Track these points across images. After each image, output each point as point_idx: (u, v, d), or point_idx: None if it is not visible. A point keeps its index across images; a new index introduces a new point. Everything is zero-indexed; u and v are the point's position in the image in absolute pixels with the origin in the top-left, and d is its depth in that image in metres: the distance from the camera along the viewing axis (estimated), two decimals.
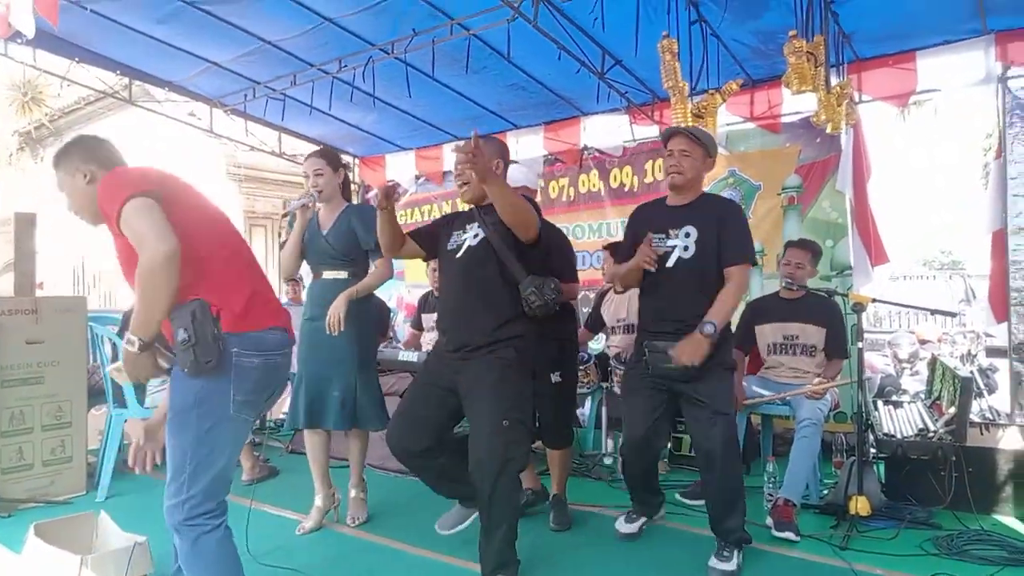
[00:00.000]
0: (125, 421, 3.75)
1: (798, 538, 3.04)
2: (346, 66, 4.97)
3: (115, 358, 3.87)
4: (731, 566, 2.65)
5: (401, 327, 6.26)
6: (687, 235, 2.76)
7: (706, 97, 4.20)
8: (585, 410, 4.78)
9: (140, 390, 3.78)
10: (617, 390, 4.11)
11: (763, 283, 4.81)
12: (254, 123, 6.30)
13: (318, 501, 3.24)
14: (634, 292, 3.03)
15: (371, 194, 7.50)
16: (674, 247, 2.76)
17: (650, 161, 5.55)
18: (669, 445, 4.29)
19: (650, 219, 2.91)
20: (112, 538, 2.56)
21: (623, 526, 3.07)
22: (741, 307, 4.15)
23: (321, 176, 3.17)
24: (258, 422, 5.38)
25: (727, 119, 4.91)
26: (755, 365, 3.97)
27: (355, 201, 4.80)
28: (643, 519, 3.09)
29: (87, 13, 4.41)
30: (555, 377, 3.17)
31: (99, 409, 4.26)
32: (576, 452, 4.24)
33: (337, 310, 3.00)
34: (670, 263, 2.74)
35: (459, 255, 2.62)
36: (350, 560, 2.87)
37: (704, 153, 2.81)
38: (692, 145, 2.78)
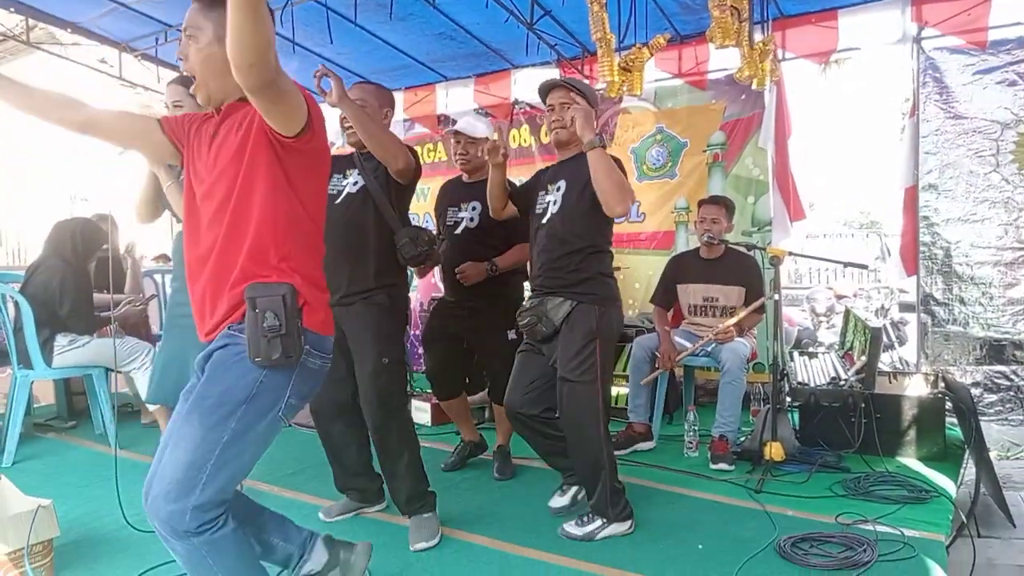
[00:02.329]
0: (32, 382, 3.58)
1: (732, 467, 3.30)
2: None
3: (18, 318, 3.66)
4: (586, 529, 2.57)
5: None
6: (558, 189, 2.66)
7: (634, 51, 4.17)
8: None
9: (47, 349, 3.60)
10: None
11: (688, 239, 4.90)
12: (166, 69, 5.95)
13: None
14: None
15: None
16: (548, 203, 2.67)
17: None
18: None
19: (538, 183, 2.82)
20: (14, 502, 2.43)
21: (554, 500, 2.83)
22: (664, 263, 4.23)
23: (181, 108, 2.63)
24: None
25: (655, 75, 4.91)
26: (677, 321, 4.06)
27: None
28: (573, 488, 2.83)
29: None
30: (511, 335, 3.16)
31: (4, 371, 4.04)
32: None
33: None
34: (544, 219, 2.66)
35: (338, 201, 2.57)
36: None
37: (586, 102, 2.61)
38: (572, 96, 2.62)
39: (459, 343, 3.29)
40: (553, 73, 5.32)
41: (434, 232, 2.73)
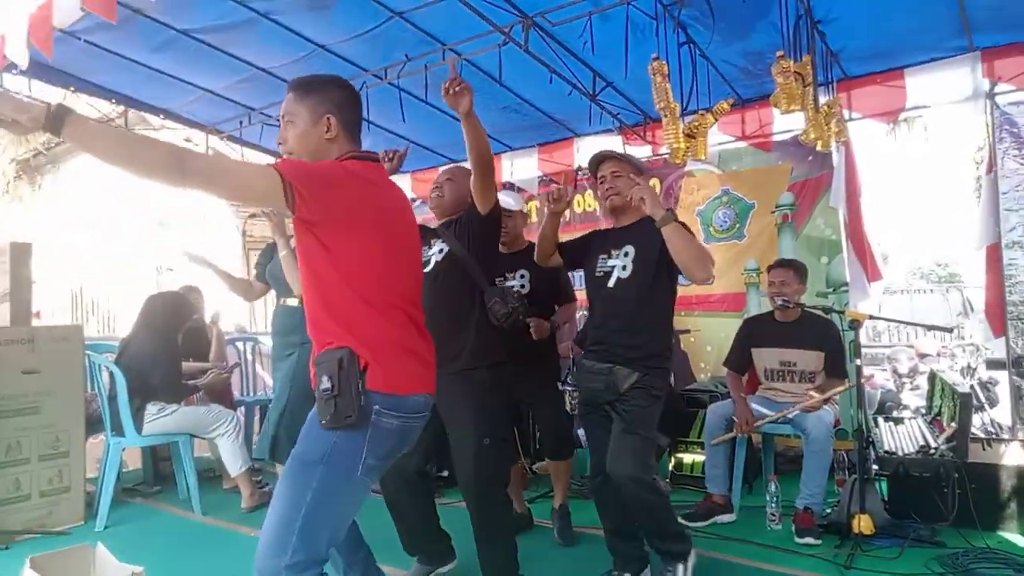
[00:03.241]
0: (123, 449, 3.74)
1: (819, 541, 3.15)
2: None
3: (112, 388, 3.85)
4: None
5: None
6: (626, 254, 2.68)
7: (697, 117, 4.22)
8: (581, 431, 4.77)
9: (138, 418, 3.77)
10: None
11: (760, 301, 4.82)
12: (250, 149, 6.33)
13: None
14: None
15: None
16: (613, 267, 2.70)
17: None
18: (671, 465, 4.27)
19: (592, 242, 2.88)
20: (110, 570, 2.53)
21: None
22: (737, 325, 4.17)
23: None
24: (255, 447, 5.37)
25: (719, 138, 4.94)
26: (753, 386, 3.96)
27: None
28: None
29: (81, 43, 4.45)
30: (560, 387, 3.25)
31: (96, 438, 4.23)
32: (576, 474, 4.23)
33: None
34: (610, 283, 2.68)
35: (427, 270, 2.63)
36: None
37: (636, 171, 2.76)
38: (621, 165, 2.76)
39: (515, 408, 3.32)
40: (615, 140, 5.42)
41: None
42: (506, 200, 3.31)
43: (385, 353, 1.72)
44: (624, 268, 2.66)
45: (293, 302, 3.04)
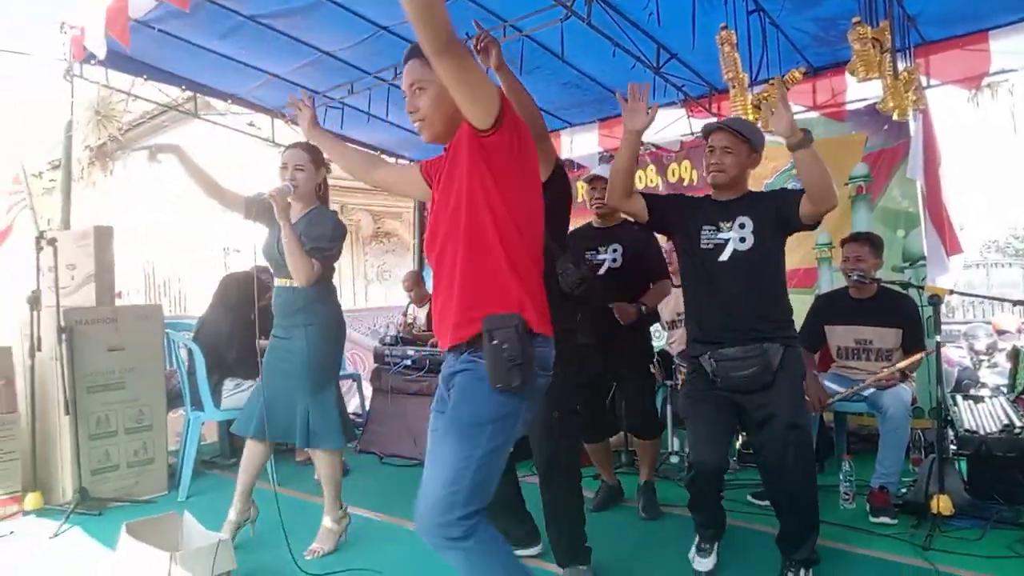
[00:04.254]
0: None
1: (895, 521, 3.09)
2: (402, 72, 5.02)
3: (191, 364, 4.01)
4: None
5: None
6: (741, 226, 2.52)
7: (767, 87, 4.11)
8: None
9: (216, 393, 3.92)
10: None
11: (832, 276, 4.68)
12: None
13: (231, 514, 3.01)
14: None
15: None
16: (727, 240, 2.54)
17: None
18: (738, 443, 4.21)
19: (688, 209, 2.67)
20: (196, 536, 2.65)
21: (700, 563, 2.68)
22: (807, 301, 4.06)
23: (301, 171, 2.92)
24: None
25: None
26: (825, 364, 3.86)
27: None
28: (716, 544, 2.73)
29: (153, 32, 4.59)
30: (652, 369, 3.25)
31: (176, 412, 4.42)
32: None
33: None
34: (723, 256, 2.53)
35: None
36: (422, 558, 2.91)
37: (749, 148, 2.56)
38: (735, 141, 2.55)
39: (603, 385, 3.31)
40: (680, 113, 5.31)
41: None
42: (603, 169, 3.27)
43: (542, 312, 1.78)
44: (743, 240, 2.51)
45: (283, 283, 2.98)
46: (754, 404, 2.50)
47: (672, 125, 5.47)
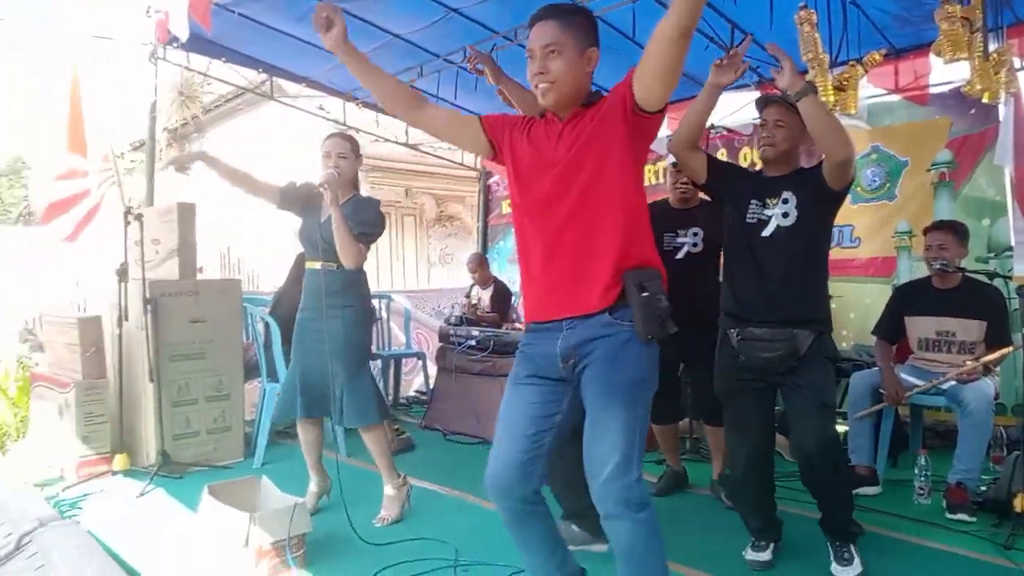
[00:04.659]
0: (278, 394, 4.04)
1: (973, 518, 2.97)
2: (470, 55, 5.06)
3: (267, 336, 4.16)
4: (856, 567, 2.45)
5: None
6: (785, 201, 2.46)
7: (847, 69, 3.97)
8: None
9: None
10: None
11: (912, 266, 4.51)
12: (384, 115, 6.54)
13: (312, 486, 3.23)
14: None
15: (493, 179, 7.64)
16: (771, 216, 2.47)
17: None
18: None
19: (738, 181, 2.63)
20: (273, 500, 2.77)
21: (753, 554, 2.61)
22: (884, 291, 3.93)
23: (344, 159, 3.03)
24: (392, 397, 5.66)
25: (869, 91, 4.62)
26: (902, 355, 3.74)
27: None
28: (773, 544, 2.65)
29: (233, 15, 4.73)
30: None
31: (251, 383, 4.59)
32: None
33: None
34: (766, 232, 2.47)
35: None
36: (486, 529, 2.96)
37: (802, 123, 2.42)
38: (787, 114, 2.47)
39: (673, 367, 3.27)
40: (754, 95, 5.17)
41: None
42: None
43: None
44: (786, 216, 2.46)
45: (316, 265, 3.04)
46: (779, 383, 2.51)
47: (745, 108, 5.34)
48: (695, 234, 3.25)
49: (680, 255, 3.23)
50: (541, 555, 1.94)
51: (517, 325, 5.44)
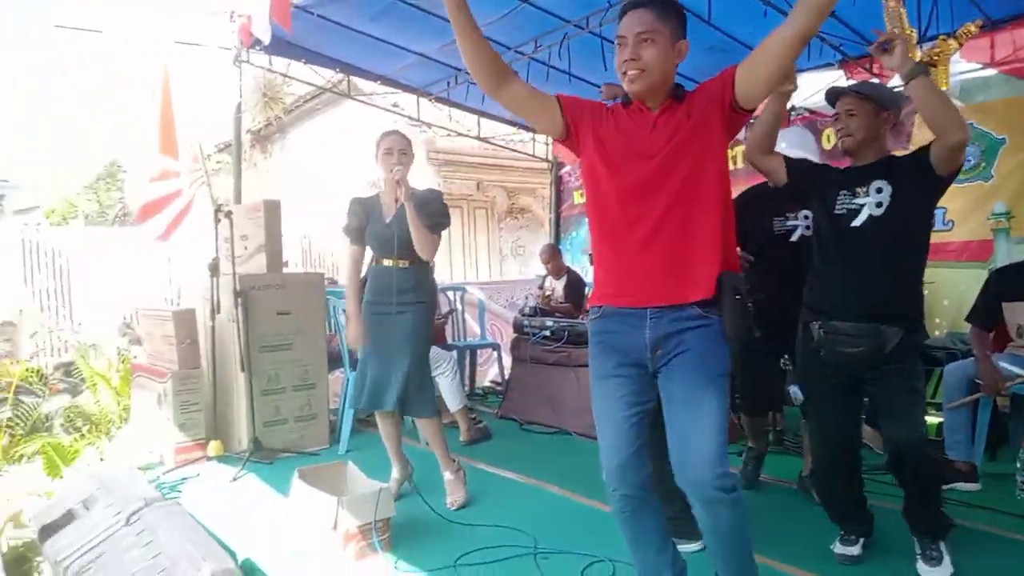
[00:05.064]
0: None
1: None
2: (541, 45, 5.08)
3: None
4: (946, 568, 2.33)
5: None
6: (879, 191, 2.36)
7: (938, 43, 3.75)
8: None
9: None
10: None
11: (1010, 249, 4.26)
12: (456, 109, 6.63)
13: (394, 473, 3.32)
14: None
15: (564, 170, 7.63)
16: (862, 205, 2.37)
17: None
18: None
19: (822, 175, 2.53)
20: (359, 484, 2.87)
21: (842, 548, 2.54)
22: (979, 276, 3.73)
23: (405, 155, 3.10)
24: (468, 387, 5.74)
25: (962, 67, 4.39)
26: (1000, 344, 3.53)
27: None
28: (863, 538, 2.56)
29: (312, 17, 4.88)
30: None
31: (333, 374, 4.75)
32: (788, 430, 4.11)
33: None
34: (856, 222, 2.37)
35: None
36: (562, 518, 2.99)
37: (875, 108, 2.39)
38: (858, 102, 2.42)
39: (777, 359, 3.17)
40: (836, 75, 4.99)
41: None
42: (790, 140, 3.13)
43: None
44: (879, 205, 2.35)
45: (390, 263, 3.10)
46: (863, 377, 2.41)
47: (828, 88, 5.15)
48: (806, 216, 3.06)
49: (794, 237, 3.08)
50: (652, 549, 1.97)
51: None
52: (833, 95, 2.54)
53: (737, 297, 1.76)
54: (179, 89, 5.46)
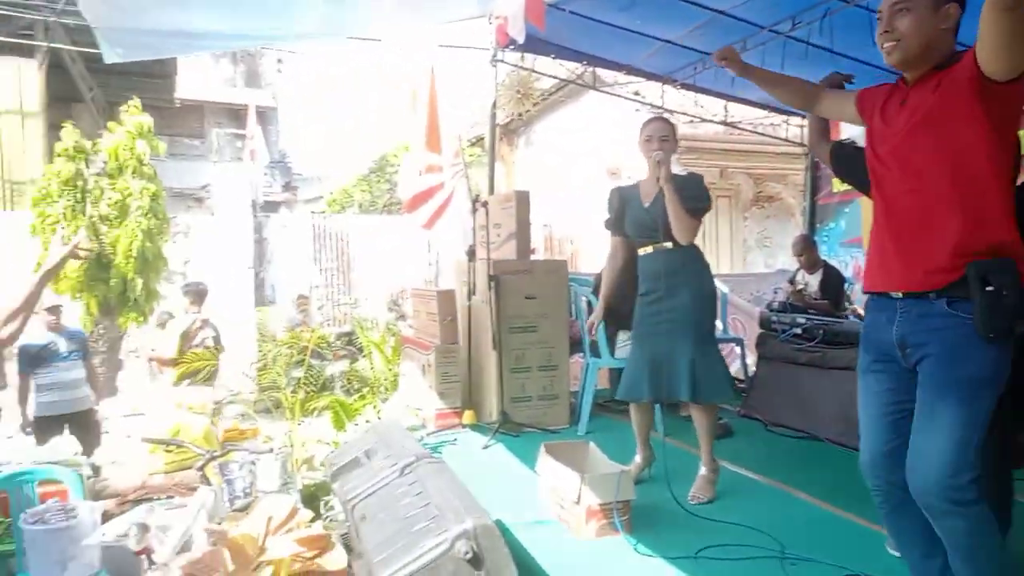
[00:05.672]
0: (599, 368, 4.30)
1: None
2: (799, 23, 4.78)
3: (590, 315, 4.43)
4: None
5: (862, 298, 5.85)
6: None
7: None
8: None
9: (611, 342, 4.28)
10: None
11: None
12: (703, 95, 6.48)
13: (638, 458, 3.35)
14: None
15: None
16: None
17: None
18: None
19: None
20: (601, 465, 2.97)
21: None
22: None
23: (667, 142, 3.08)
24: None
25: None
26: None
27: None
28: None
29: (563, 13, 5.06)
30: None
31: (574, 358, 4.93)
32: None
33: None
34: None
35: None
36: (805, 523, 2.85)
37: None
38: None
39: None
40: None
41: None
42: None
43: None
44: None
45: (652, 248, 3.09)
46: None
47: None
48: None
49: None
50: (917, 551, 1.87)
51: (859, 310, 5.03)
52: None
53: (988, 288, 1.57)
54: (441, 89, 5.99)
